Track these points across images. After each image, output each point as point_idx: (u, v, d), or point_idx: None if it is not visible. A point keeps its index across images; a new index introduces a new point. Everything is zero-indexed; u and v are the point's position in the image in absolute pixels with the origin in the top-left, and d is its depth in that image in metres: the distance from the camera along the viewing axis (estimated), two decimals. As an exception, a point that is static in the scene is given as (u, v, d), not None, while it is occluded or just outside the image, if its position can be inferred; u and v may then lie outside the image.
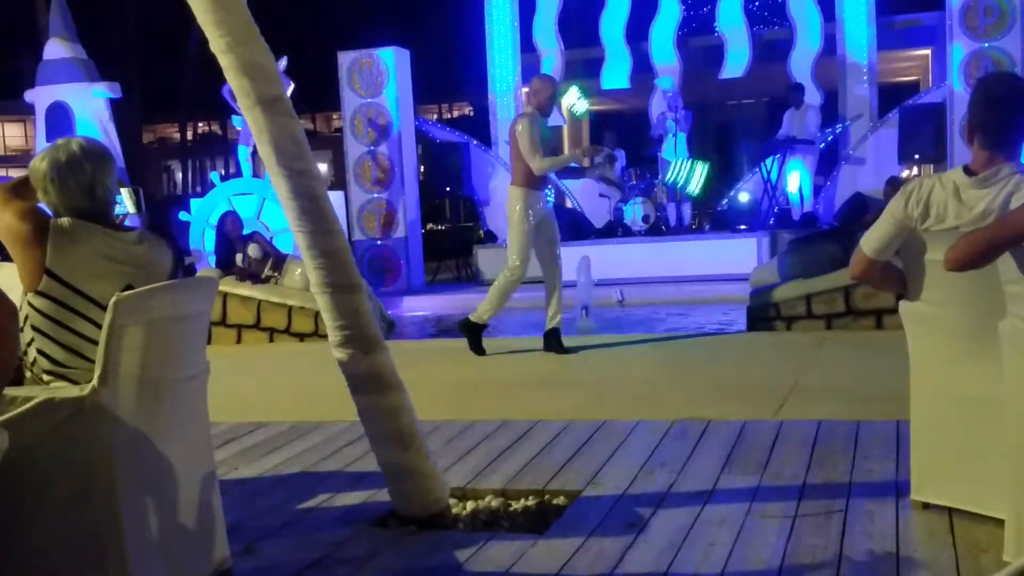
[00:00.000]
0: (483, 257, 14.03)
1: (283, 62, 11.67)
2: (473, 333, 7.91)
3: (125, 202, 3.50)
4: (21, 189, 3.18)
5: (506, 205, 7.75)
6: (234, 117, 14.09)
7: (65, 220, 3.03)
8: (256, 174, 14.09)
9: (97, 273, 3.02)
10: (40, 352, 3.02)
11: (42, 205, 3.16)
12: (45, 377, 3.02)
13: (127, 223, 3.56)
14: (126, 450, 2.83)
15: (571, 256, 10.79)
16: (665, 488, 4.08)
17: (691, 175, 8.59)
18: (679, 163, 8.52)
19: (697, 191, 8.35)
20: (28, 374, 3.07)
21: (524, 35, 15.90)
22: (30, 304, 3.01)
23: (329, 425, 5.48)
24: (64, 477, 2.79)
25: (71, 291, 2.99)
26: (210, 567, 3.22)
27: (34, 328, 3.01)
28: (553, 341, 7.82)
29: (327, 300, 3.72)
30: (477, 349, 7.89)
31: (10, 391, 2.76)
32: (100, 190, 3.11)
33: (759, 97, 23.48)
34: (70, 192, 3.07)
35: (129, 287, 2.99)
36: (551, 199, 7.79)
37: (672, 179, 8.40)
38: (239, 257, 10.05)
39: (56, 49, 13.49)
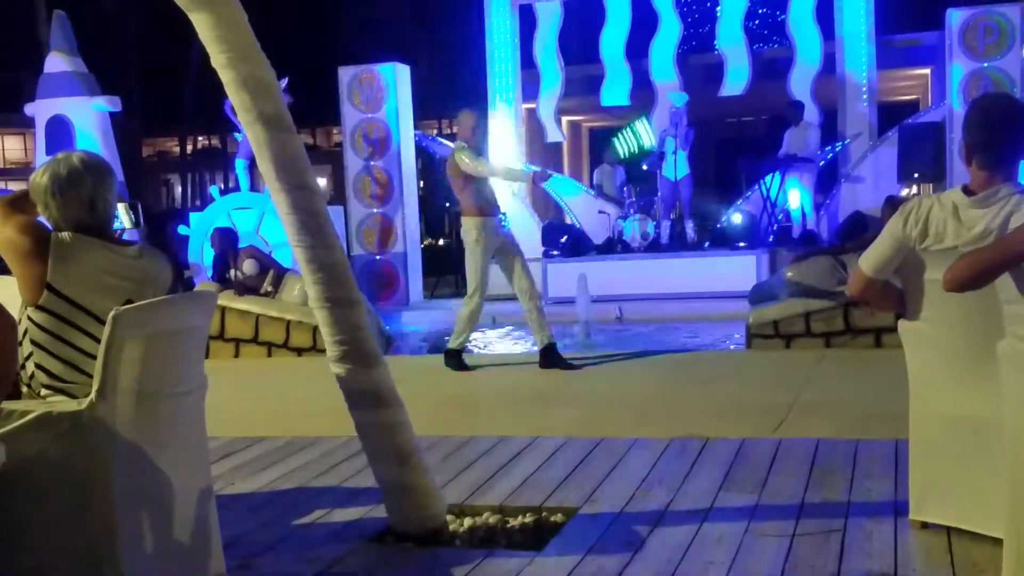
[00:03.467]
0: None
1: (283, 82, 11.70)
2: (455, 359, 7.99)
3: (121, 217, 3.50)
4: (20, 203, 3.18)
5: (462, 234, 7.90)
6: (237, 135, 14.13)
7: (66, 234, 3.03)
8: (254, 188, 14.11)
9: (97, 288, 3.02)
10: (39, 366, 3.01)
11: (42, 219, 3.15)
12: (43, 392, 3.02)
13: (125, 236, 3.56)
14: (123, 464, 2.83)
15: (571, 272, 10.82)
16: (663, 506, 4.07)
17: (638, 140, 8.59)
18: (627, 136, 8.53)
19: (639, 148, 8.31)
20: (25, 389, 3.06)
21: (524, 51, 15.94)
22: (30, 318, 3.01)
23: (327, 440, 5.47)
24: (61, 490, 2.78)
25: (71, 305, 2.99)
26: (206, 582, 3.21)
27: (33, 342, 3.01)
28: (553, 357, 7.81)
29: (326, 315, 3.72)
30: (462, 369, 7.95)
31: (8, 405, 2.76)
32: (101, 204, 3.11)
33: (758, 115, 23.53)
34: (71, 206, 3.07)
35: (129, 302, 2.98)
36: (507, 224, 7.92)
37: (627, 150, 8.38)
38: (232, 272, 10.04)
39: (57, 62, 13.52)
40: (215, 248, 10.53)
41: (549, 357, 7.83)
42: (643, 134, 10.96)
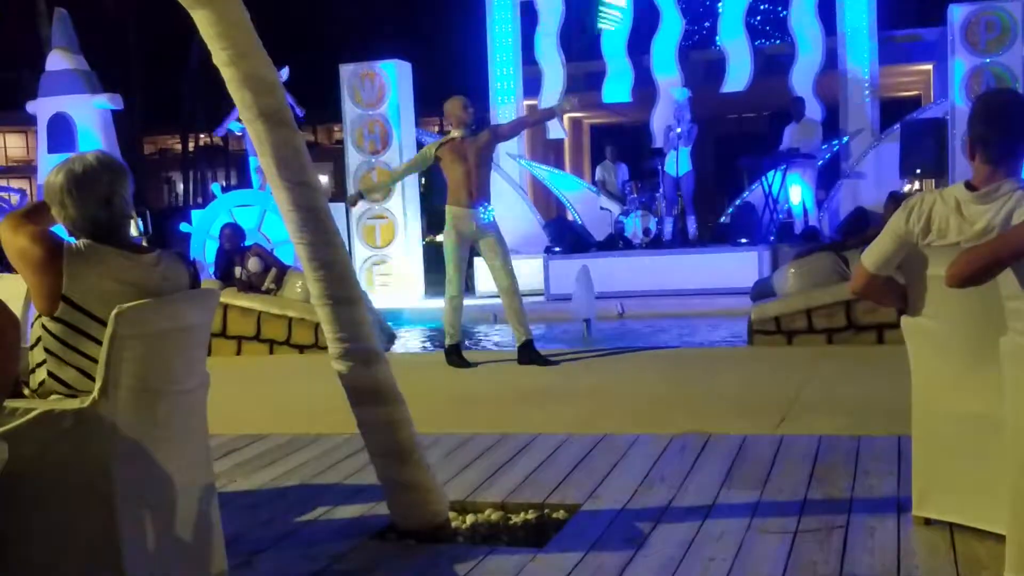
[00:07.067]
0: (482, 269, 14.01)
1: (284, 72, 11.69)
2: (455, 356, 7.98)
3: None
4: (33, 214, 3.14)
5: None
6: (232, 124, 14.11)
7: (80, 244, 2.97)
8: (264, 186, 14.11)
9: (111, 297, 2.92)
10: (51, 375, 2.96)
11: (54, 229, 3.12)
12: (52, 398, 2.99)
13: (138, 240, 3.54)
14: (125, 462, 2.82)
15: (572, 269, 10.80)
16: (665, 503, 4.07)
17: None
18: None
19: None
20: (26, 391, 3.04)
21: (526, 48, 15.93)
22: (44, 327, 2.97)
23: (328, 437, 5.47)
24: (63, 488, 2.78)
25: (85, 315, 2.93)
26: (208, 580, 3.21)
27: (47, 351, 2.97)
28: (531, 353, 7.84)
29: (327, 312, 3.71)
30: (463, 365, 7.93)
31: (10, 403, 2.75)
32: (117, 202, 3.07)
33: (760, 111, 23.52)
34: (87, 204, 3.02)
35: None
36: (491, 215, 7.83)
37: None
38: (237, 270, 10.03)
39: (58, 60, 13.52)
40: (226, 244, 10.53)
41: (527, 353, 7.85)
42: None
